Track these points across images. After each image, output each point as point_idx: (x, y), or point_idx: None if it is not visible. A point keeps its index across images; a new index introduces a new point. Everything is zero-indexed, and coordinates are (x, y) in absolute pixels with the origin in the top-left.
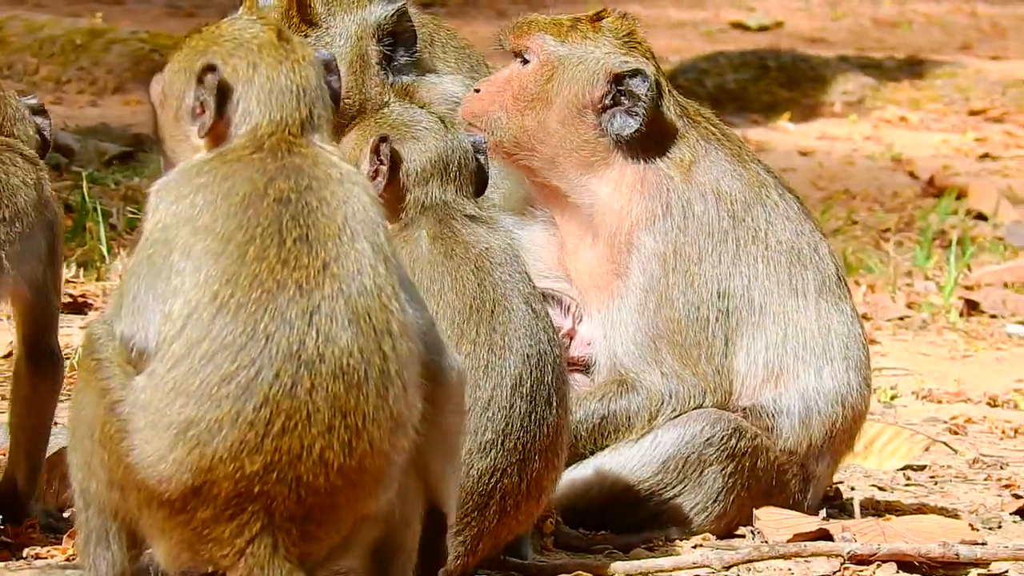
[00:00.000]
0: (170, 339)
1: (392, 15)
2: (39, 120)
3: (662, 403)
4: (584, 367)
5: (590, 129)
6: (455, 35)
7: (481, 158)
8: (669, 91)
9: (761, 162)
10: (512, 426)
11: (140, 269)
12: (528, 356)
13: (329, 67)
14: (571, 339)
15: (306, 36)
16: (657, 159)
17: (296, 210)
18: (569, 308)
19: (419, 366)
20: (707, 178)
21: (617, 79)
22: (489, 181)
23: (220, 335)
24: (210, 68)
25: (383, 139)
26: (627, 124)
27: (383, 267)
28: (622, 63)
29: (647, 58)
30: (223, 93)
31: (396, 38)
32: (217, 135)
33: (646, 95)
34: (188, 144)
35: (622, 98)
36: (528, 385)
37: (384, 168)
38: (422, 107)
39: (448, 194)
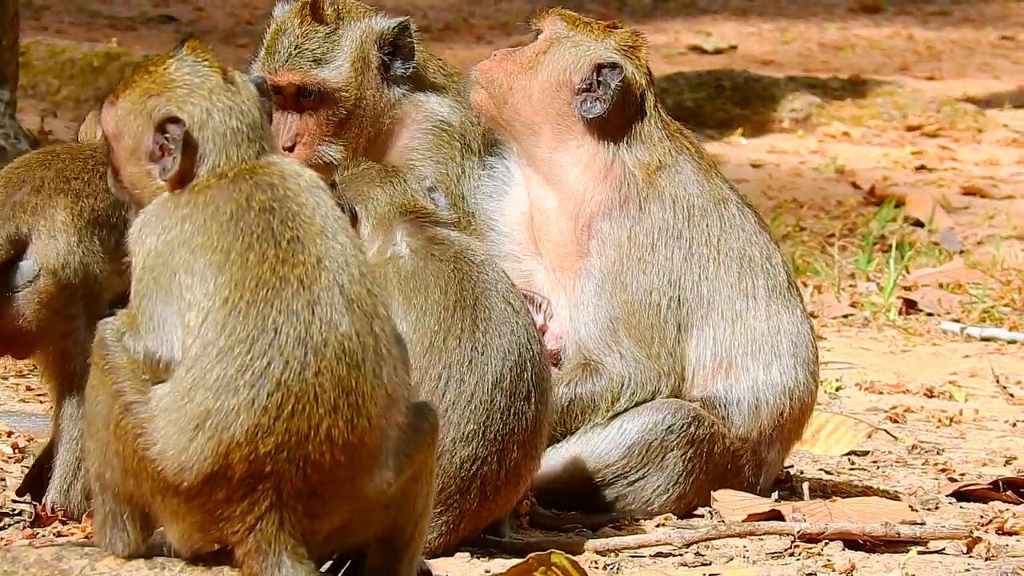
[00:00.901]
0: (188, 345)
1: (394, 28)
2: None
3: (622, 385)
4: (556, 360)
5: (564, 105)
6: (445, 64)
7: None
8: (656, 105)
9: (727, 180)
10: (492, 419)
11: (148, 290)
12: (508, 353)
13: (262, 90)
14: (543, 334)
15: (316, 32)
16: (626, 156)
17: (282, 216)
18: (541, 305)
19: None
20: (668, 184)
21: (598, 69)
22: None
23: (234, 332)
24: (173, 119)
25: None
26: (593, 108)
27: (362, 256)
28: (605, 56)
29: (639, 67)
30: (186, 141)
31: (396, 49)
32: (179, 175)
33: (615, 86)
34: (148, 179)
35: (597, 87)
36: (508, 381)
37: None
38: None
39: (416, 214)
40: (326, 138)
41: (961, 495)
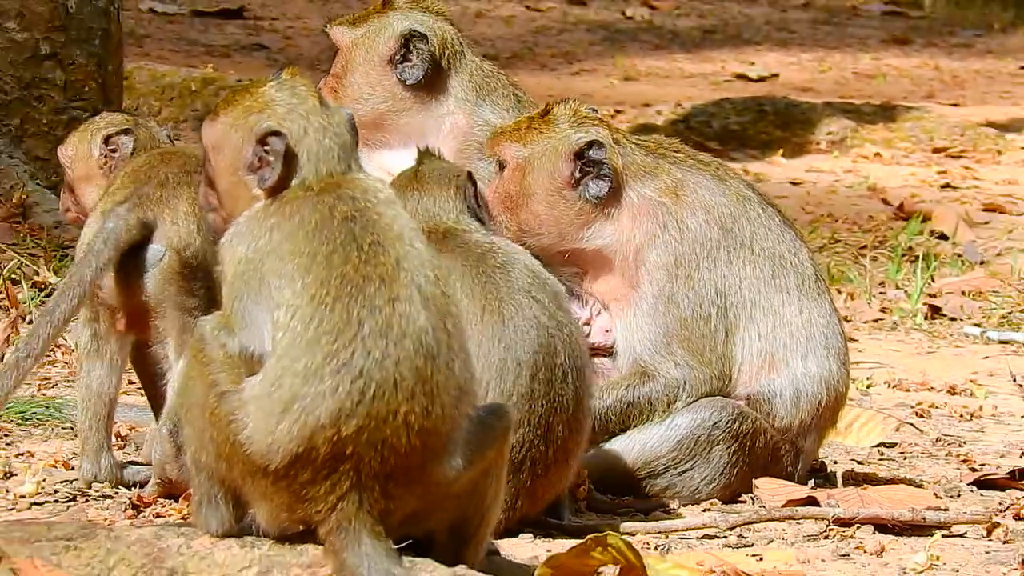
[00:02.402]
0: (278, 339)
1: (405, 30)
2: None
3: (678, 389)
4: (606, 351)
5: (574, 203)
6: (513, 84)
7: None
8: (626, 138)
9: (741, 178)
10: (534, 407)
11: (240, 293)
12: (539, 344)
13: (352, 125)
14: (590, 326)
15: (374, 7)
16: (646, 192)
17: (363, 223)
18: (586, 300)
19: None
20: (694, 198)
21: (578, 155)
22: None
23: (321, 324)
24: (275, 133)
25: None
26: (601, 186)
27: (436, 262)
28: (576, 140)
29: (597, 125)
30: (285, 154)
31: (407, 52)
32: (275, 185)
33: (606, 158)
34: (244, 189)
35: (588, 168)
36: (543, 371)
37: None
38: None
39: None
40: (336, 87)
41: (981, 484)
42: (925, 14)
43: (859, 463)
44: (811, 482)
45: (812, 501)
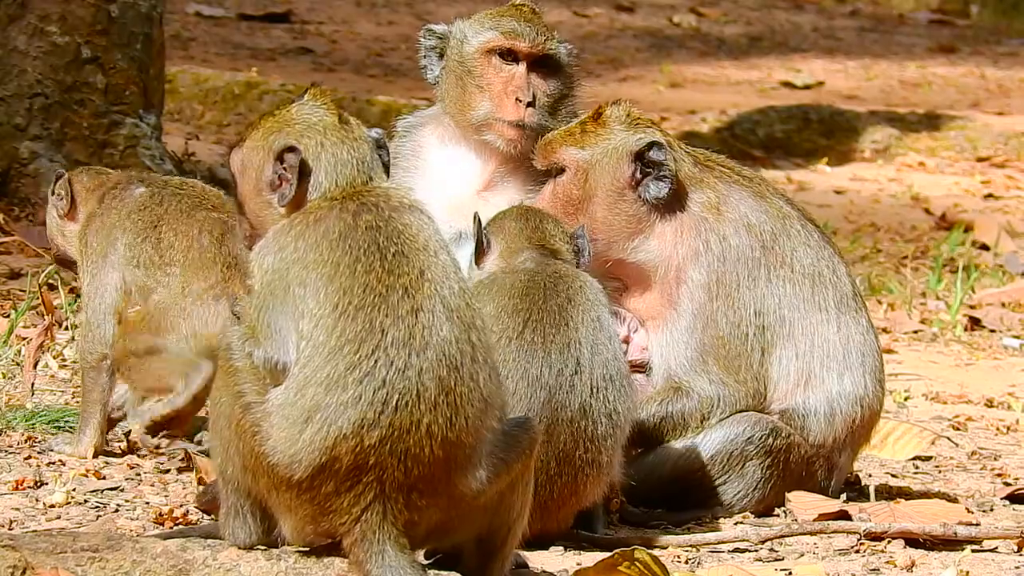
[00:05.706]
0: (302, 348)
1: (569, 52)
2: None
3: (712, 405)
4: (642, 368)
5: (632, 204)
6: None
7: None
8: (679, 146)
9: (782, 194)
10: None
11: (265, 303)
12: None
13: (379, 144)
14: (627, 344)
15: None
16: (689, 206)
17: (387, 233)
18: (624, 318)
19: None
20: (735, 214)
21: (639, 156)
22: None
23: (344, 333)
24: (291, 149)
25: None
26: (661, 187)
27: (460, 274)
28: (637, 141)
29: (652, 127)
30: (301, 169)
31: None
32: (295, 201)
33: (667, 159)
34: (269, 208)
35: (648, 169)
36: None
37: None
38: None
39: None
40: (547, 110)
41: (1014, 498)
42: (971, 23)
43: (894, 476)
44: (843, 496)
45: (844, 515)
